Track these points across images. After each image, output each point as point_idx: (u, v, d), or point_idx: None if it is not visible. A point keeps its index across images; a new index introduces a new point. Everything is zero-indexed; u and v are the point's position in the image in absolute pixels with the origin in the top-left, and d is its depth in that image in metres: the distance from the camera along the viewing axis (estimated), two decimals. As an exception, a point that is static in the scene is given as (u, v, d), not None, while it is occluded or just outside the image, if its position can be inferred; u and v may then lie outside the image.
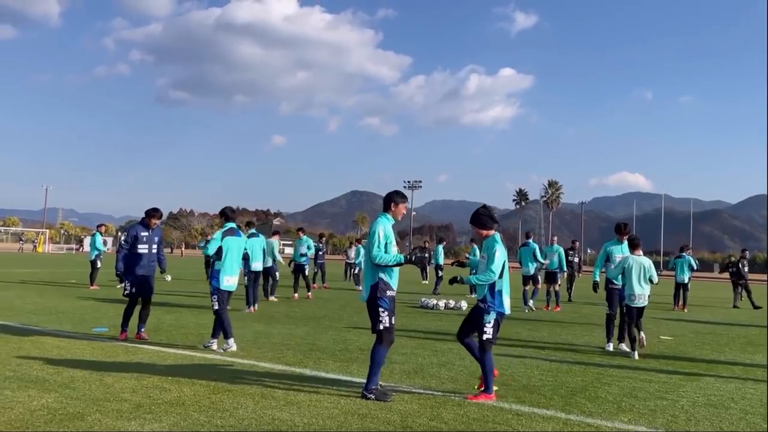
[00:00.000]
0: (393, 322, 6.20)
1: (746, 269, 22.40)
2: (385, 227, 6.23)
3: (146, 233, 9.39)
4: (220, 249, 8.65)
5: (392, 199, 6.37)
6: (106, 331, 10.00)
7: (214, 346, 8.59)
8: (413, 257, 6.45)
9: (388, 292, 6.19)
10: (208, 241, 8.77)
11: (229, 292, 8.80)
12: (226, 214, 9.07)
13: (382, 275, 6.18)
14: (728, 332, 13.21)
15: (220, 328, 8.63)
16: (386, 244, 6.15)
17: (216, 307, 8.62)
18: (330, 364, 7.82)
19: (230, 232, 8.82)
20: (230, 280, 8.73)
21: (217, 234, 8.77)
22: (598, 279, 10.41)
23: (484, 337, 6.22)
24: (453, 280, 6.71)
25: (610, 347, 9.95)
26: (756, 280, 53.53)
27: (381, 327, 6.13)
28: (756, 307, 20.36)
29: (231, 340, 8.56)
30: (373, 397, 6.02)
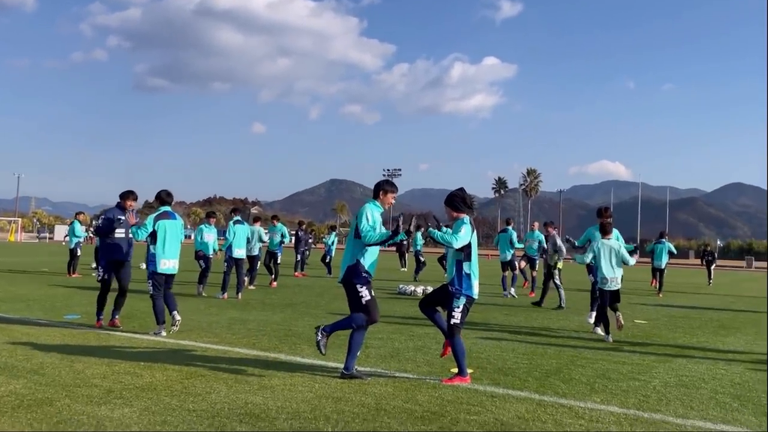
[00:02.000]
0: (373, 295, 6.25)
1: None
2: (372, 212, 6.28)
3: (122, 217, 9.23)
4: (154, 233, 8.59)
5: (381, 187, 6.45)
6: (78, 318, 9.86)
7: (164, 333, 8.51)
8: (398, 226, 6.45)
9: (364, 274, 6.23)
10: (139, 227, 8.68)
11: (169, 275, 8.75)
12: (162, 198, 8.98)
13: (360, 258, 6.22)
14: (701, 316, 13.41)
15: (161, 311, 8.60)
16: (373, 226, 6.18)
17: (151, 292, 8.61)
18: (305, 349, 7.78)
19: (164, 216, 8.76)
20: (168, 263, 8.69)
21: (149, 218, 8.70)
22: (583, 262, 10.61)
23: (452, 321, 6.23)
24: (432, 229, 6.58)
25: (591, 320, 10.30)
26: (731, 267, 54.49)
27: (363, 302, 6.16)
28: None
29: (161, 327, 8.55)
30: (350, 376, 6.16)
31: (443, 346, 6.58)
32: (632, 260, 9.61)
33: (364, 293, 6.19)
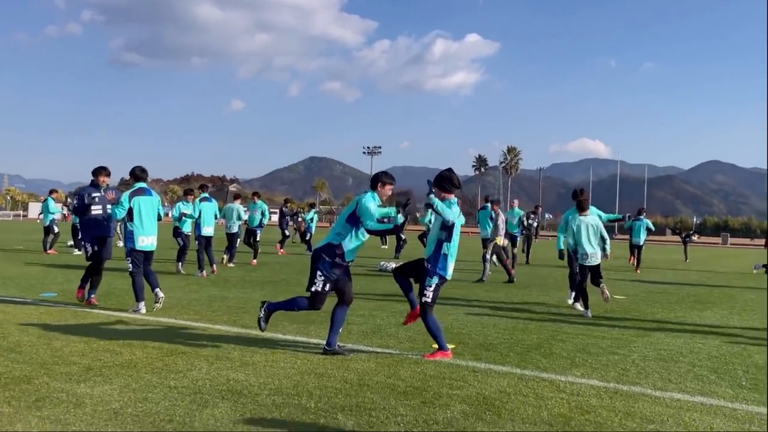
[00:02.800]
0: (326, 289, 6.21)
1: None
2: (373, 204, 6.29)
3: (98, 194, 9.06)
4: (131, 210, 8.48)
5: (379, 178, 6.45)
6: (54, 296, 9.72)
7: (143, 310, 8.43)
8: (403, 211, 6.47)
9: (338, 259, 6.19)
10: (115, 206, 8.55)
11: (147, 252, 8.67)
12: (136, 174, 8.85)
13: (343, 241, 6.20)
14: (678, 291, 13.60)
15: (141, 289, 8.53)
16: (374, 217, 6.22)
17: (130, 269, 8.54)
18: (287, 326, 7.75)
19: (139, 192, 8.65)
20: (146, 239, 8.61)
21: (124, 196, 8.58)
22: (562, 247, 10.66)
23: (423, 299, 6.24)
24: (427, 205, 6.62)
25: (571, 301, 10.46)
26: (708, 243, 55.37)
27: (313, 289, 6.21)
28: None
29: (141, 304, 8.49)
30: (332, 352, 6.19)
31: (407, 315, 6.63)
32: (607, 237, 9.69)
33: (318, 283, 6.18)
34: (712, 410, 4.85)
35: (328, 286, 6.21)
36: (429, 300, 6.23)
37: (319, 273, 6.19)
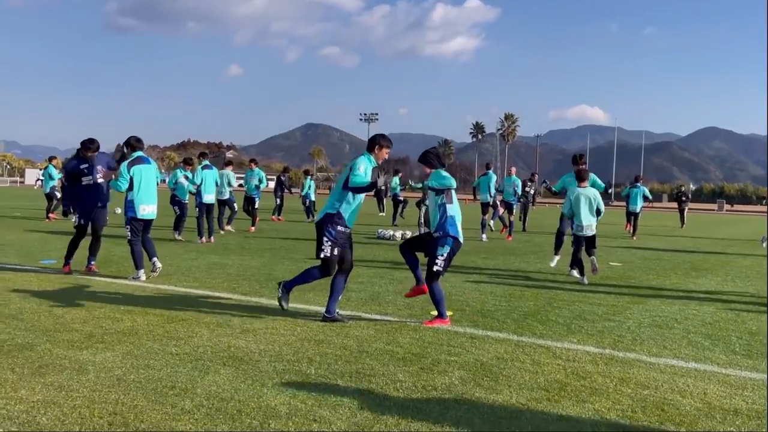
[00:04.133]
0: (335, 254, 6.26)
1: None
2: (366, 165, 6.32)
3: (85, 165, 9.02)
4: (131, 180, 8.49)
5: (377, 141, 6.46)
6: (54, 263, 9.75)
7: (143, 277, 8.48)
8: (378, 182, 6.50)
9: (339, 227, 6.25)
10: (116, 179, 8.53)
11: (147, 221, 8.71)
12: (132, 144, 8.81)
13: (341, 208, 6.24)
14: (674, 258, 13.70)
15: (140, 256, 8.58)
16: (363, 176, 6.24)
17: (129, 237, 8.59)
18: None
19: (138, 161, 8.64)
20: (147, 208, 8.64)
21: (123, 167, 8.55)
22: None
23: (434, 268, 6.25)
24: (420, 202, 6.75)
25: (554, 263, 10.93)
26: (704, 210, 55.55)
27: (322, 255, 6.25)
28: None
29: (141, 272, 8.53)
30: (331, 319, 6.26)
31: (412, 289, 6.65)
32: (603, 210, 9.76)
33: (326, 249, 6.23)
34: (706, 376, 4.93)
35: (336, 250, 6.25)
36: (440, 268, 6.26)
37: (325, 239, 6.23)
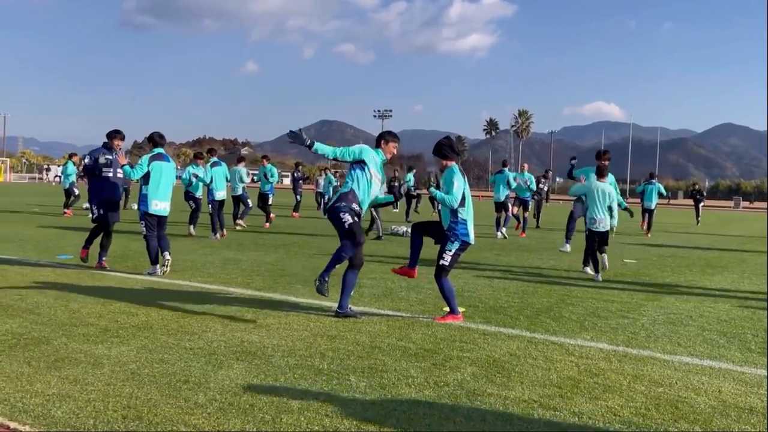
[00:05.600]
0: (356, 220, 6.25)
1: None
2: (376, 160, 6.40)
3: (110, 156, 9.10)
4: (147, 174, 8.57)
5: (383, 137, 6.62)
6: (71, 258, 9.85)
7: (159, 272, 8.55)
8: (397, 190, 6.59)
9: (354, 205, 6.26)
10: (133, 167, 8.64)
11: (161, 217, 8.77)
12: (154, 140, 8.92)
13: (355, 188, 6.28)
14: (689, 255, 13.58)
15: (155, 251, 8.65)
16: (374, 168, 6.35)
17: (144, 232, 8.67)
18: (300, 289, 7.84)
19: (158, 157, 8.74)
20: (159, 204, 8.70)
21: (144, 159, 8.65)
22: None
23: (441, 262, 6.27)
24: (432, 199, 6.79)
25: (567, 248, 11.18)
26: (719, 207, 55.01)
27: (346, 225, 6.18)
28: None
29: (156, 267, 8.60)
30: (344, 314, 6.25)
31: (401, 267, 6.69)
32: (615, 213, 9.66)
33: (347, 218, 6.21)
34: (721, 374, 4.89)
35: (356, 218, 6.26)
36: (447, 264, 6.27)
37: (341, 213, 6.20)
